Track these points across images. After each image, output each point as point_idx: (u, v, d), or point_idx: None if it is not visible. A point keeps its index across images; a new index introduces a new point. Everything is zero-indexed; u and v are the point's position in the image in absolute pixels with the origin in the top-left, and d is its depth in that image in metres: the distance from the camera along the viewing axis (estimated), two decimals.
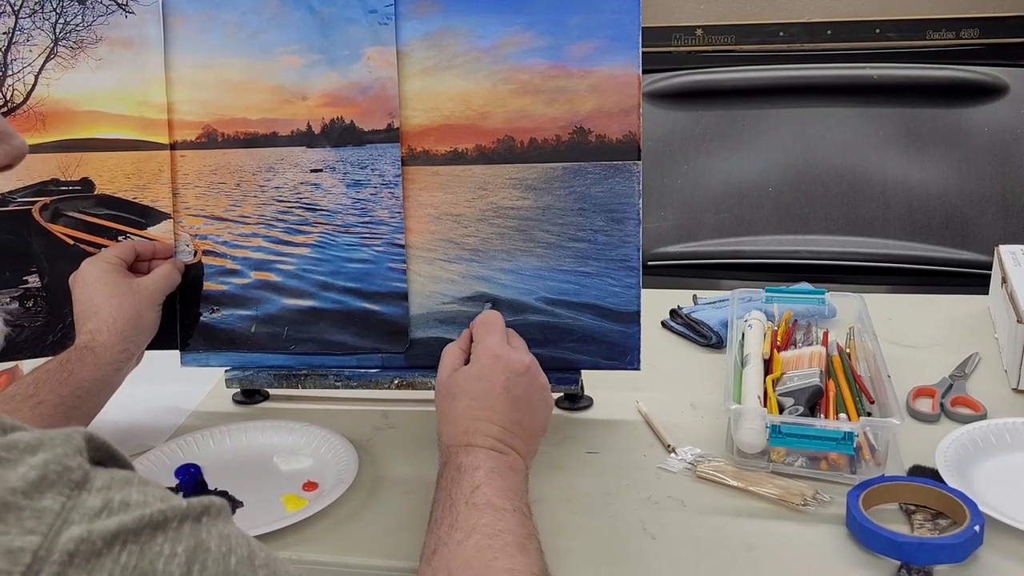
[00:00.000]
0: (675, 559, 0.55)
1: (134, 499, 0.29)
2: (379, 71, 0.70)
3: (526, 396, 0.57)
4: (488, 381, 0.56)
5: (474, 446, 0.53)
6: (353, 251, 0.72)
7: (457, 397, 0.56)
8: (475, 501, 0.49)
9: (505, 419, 0.55)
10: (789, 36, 1.47)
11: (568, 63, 0.68)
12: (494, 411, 0.55)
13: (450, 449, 0.54)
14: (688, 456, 0.66)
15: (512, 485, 0.51)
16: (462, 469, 0.52)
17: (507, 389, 0.56)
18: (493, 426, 0.55)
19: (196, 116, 0.73)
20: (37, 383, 0.60)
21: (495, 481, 0.51)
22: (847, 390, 0.67)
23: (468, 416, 0.55)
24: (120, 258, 0.68)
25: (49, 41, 0.72)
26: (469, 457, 0.53)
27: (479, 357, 0.58)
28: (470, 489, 0.50)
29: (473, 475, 0.51)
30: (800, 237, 1.31)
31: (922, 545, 0.53)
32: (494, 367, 0.57)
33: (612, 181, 0.69)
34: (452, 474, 0.52)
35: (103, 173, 0.74)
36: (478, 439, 0.54)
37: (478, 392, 0.56)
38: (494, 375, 0.56)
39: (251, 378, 0.76)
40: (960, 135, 1.31)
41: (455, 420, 0.55)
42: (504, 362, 0.57)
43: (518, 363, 0.57)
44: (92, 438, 0.30)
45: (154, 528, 0.28)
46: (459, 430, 0.55)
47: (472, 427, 0.54)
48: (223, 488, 0.65)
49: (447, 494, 0.51)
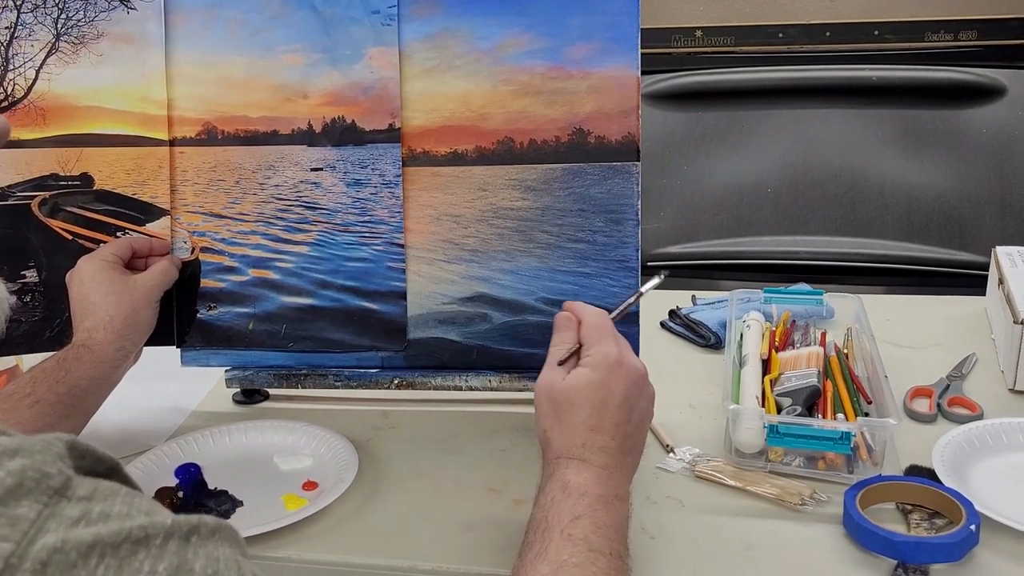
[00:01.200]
0: (673, 558, 0.56)
1: (116, 511, 0.28)
2: (381, 71, 0.70)
3: (639, 407, 0.53)
4: (609, 389, 0.52)
5: (587, 462, 0.50)
6: (352, 250, 0.72)
7: (577, 404, 0.51)
8: (571, 533, 0.46)
9: (620, 432, 0.51)
10: (788, 38, 1.48)
11: (568, 64, 0.69)
12: (611, 422, 0.51)
13: (559, 461, 0.50)
14: (686, 456, 0.66)
15: (615, 521, 0.48)
16: (568, 490, 0.48)
17: (626, 400, 0.52)
18: (610, 439, 0.51)
19: (196, 113, 0.73)
20: (34, 382, 0.60)
21: (599, 514, 0.47)
22: (845, 390, 0.68)
23: (586, 427, 0.51)
24: (116, 255, 0.68)
25: (51, 36, 0.72)
26: (579, 477, 0.49)
27: (598, 362, 0.53)
28: (570, 518, 0.47)
29: (578, 502, 0.47)
30: (799, 238, 1.32)
31: (919, 544, 0.53)
32: (615, 373, 0.52)
33: (611, 182, 0.69)
34: (555, 494, 0.48)
35: (103, 168, 0.74)
36: (593, 455, 0.50)
37: (598, 401, 0.51)
38: (615, 383, 0.52)
39: (251, 378, 0.76)
40: (958, 136, 1.31)
41: (572, 430, 0.51)
42: (625, 369, 0.53)
43: (636, 369, 0.53)
44: (75, 445, 0.29)
45: (135, 543, 0.27)
46: (575, 442, 0.50)
47: (590, 440, 0.50)
48: (223, 488, 0.65)
49: (544, 515, 0.48)
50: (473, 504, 0.62)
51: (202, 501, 0.63)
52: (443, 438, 0.71)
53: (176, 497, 0.64)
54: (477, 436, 0.71)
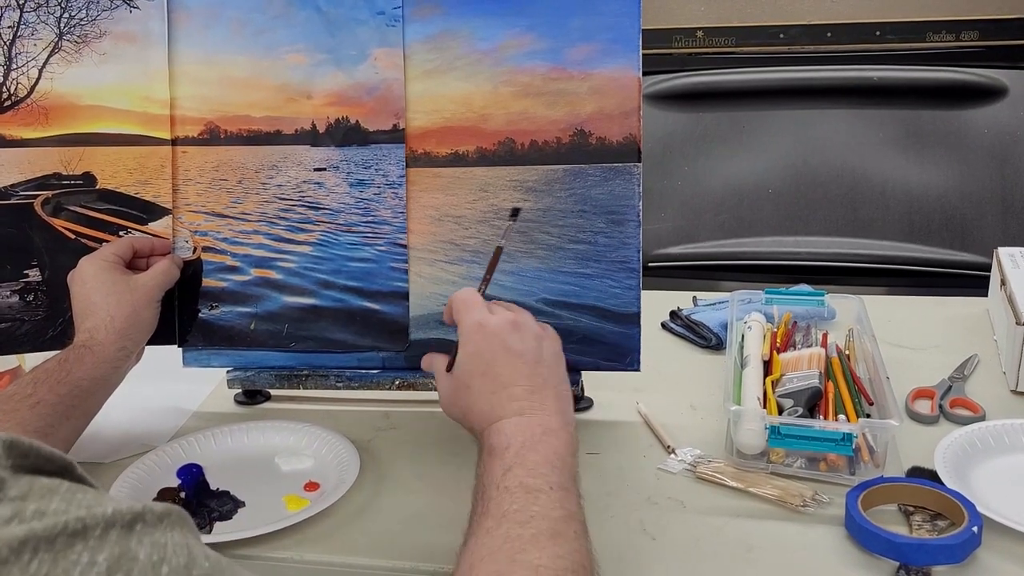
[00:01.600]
0: (675, 560, 0.56)
1: (52, 508, 0.27)
2: (386, 72, 0.70)
3: (526, 348, 0.54)
4: (488, 352, 0.54)
5: (502, 418, 0.51)
6: (355, 250, 0.72)
7: (469, 385, 0.54)
8: (506, 484, 0.46)
9: (520, 375, 0.52)
10: (789, 38, 1.47)
11: (569, 65, 0.68)
12: (507, 374, 0.52)
13: (481, 435, 0.52)
14: (688, 457, 0.66)
15: (548, 457, 0.48)
16: (494, 452, 0.49)
17: (507, 349, 0.53)
18: (515, 388, 0.52)
19: (199, 112, 0.73)
20: (35, 382, 0.60)
21: (528, 456, 0.48)
22: (846, 391, 0.67)
23: (487, 392, 0.52)
24: (117, 255, 0.68)
25: (53, 35, 0.73)
26: (499, 436, 0.50)
27: (466, 336, 0.55)
28: (501, 472, 0.47)
29: (503, 456, 0.48)
30: (800, 239, 1.32)
31: (921, 546, 0.53)
32: (481, 338, 0.54)
33: (612, 183, 0.69)
34: (484, 460, 0.50)
35: (105, 168, 0.74)
36: (504, 409, 0.51)
37: (481, 371, 0.53)
38: (486, 345, 0.54)
39: (252, 379, 0.76)
40: (960, 137, 1.31)
41: (477, 405, 0.53)
42: (490, 328, 0.54)
43: (503, 322, 0.55)
44: (15, 444, 0.29)
45: (71, 535, 0.26)
46: (484, 411, 0.52)
47: (495, 400, 0.52)
48: (225, 488, 0.65)
49: (480, 482, 0.48)
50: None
51: (204, 502, 0.63)
52: (444, 439, 0.71)
53: (178, 498, 0.64)
54: None
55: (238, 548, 0.58)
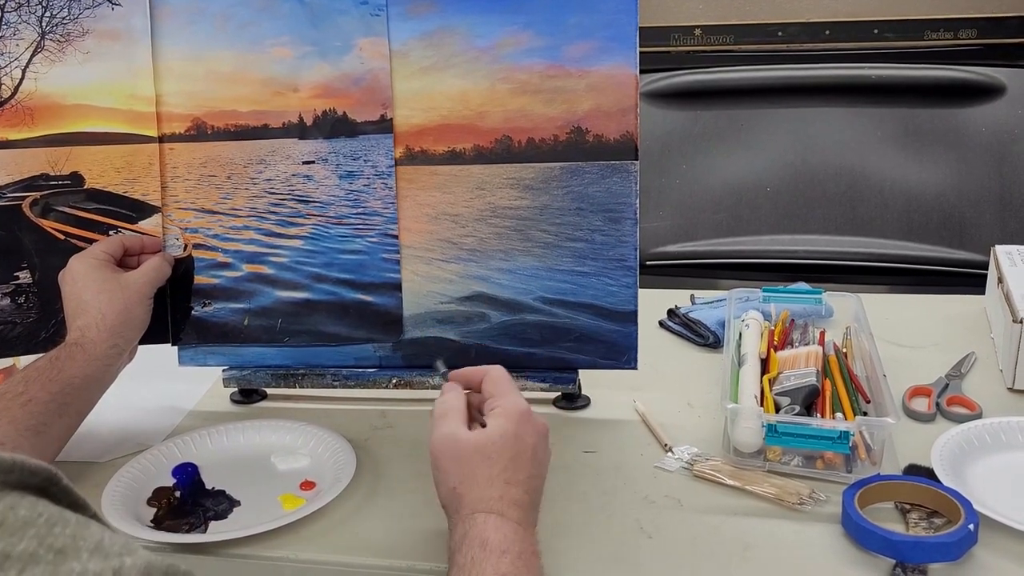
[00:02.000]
0: (672, 558, 0.56)
1: (19, 551, 0.24)
2: (371, 62, 0.70)
3: (545, 462, 0.54)
4: (523, 442, 0.52)
5: (505, 517, 0.49)
6: (346, 242, 0.72)
7: (493, 458, 0.51)
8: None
9: (530, 486, 0.51)
10: (788, 36, 1.47)
11: (566, 63, 0.68)
12: (523, 475, 0.51)
13: (475, 517, 0.49)
14: (685, 455, 0.66)
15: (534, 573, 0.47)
16: (488, 548, 0.47)
17: (534, 452, 0.52)
18: (523, 493, 0.50)
19: (185, 109, 0.73)
20: (27, 380, 0.60)
21: (522, 571, 0.46)
22: (843, 389, 0.67)
23: (503, 480, 0.50)
24: (108, 253, 0.68)
25: (35, 35, 0.72)
26: (498, 534, 0.48)
27: (509, 414, 0.52)
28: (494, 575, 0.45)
29: (499, 561, 0.46)
30: (798, 237, 1.32)
31: (917, 544, 0.53)
32: (527, 427, 0.52)
33: (609, 181, 0.69)
34: (475, 552, 0.47)
35: (93, 167, 0.74)
36: (509, 510, 0.49)
37: (513, 454, 0.51)
38: (528, 436, 0.52)
39: (249, 377, 0.76)
40: (958, 135, 1.31)
41: (487, 483, 0.50)
42: (534, 424, 0.53)
43: (543, 425, 0.54)
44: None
45: None
46: (492, 495, 0.50)
47: (506, 494, 0.50)
48: (220, 487, 0.65)
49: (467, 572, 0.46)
50: None
51: (200, 501, 0.63)
52: None
53: (173, 497, 0.63)
54: None
55: (233, 548, 0.58)
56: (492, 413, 0.53)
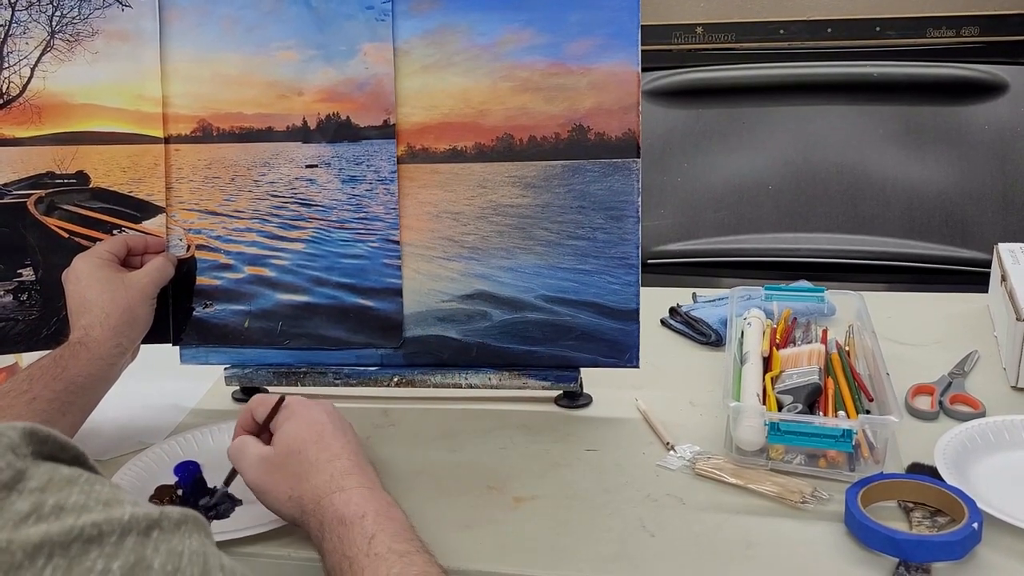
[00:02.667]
0: (674, 556, 0.55)
1: (71, 502, 0.27)
2: (376, 67, 0.70)
3: (347, 427, 0.56)
4: (316, 422, 0.54)
5: (345, 490, 0.50)
6: (348, 247, 0.72)
7: (300, 450, 0.52)
8: (376, 551, 0.45)
9: (349, 451, 0.53)
10: (789, 34, 1.47)
11: (568, 60, 0.68)
12: (338, 447, 0.53)
13: (320, 504, 0.50)
14: (687, 454, 0.66)
15: (404, 524, 0.49)
16: (347, 522, 0.48)
17: (333, 422, 0.55)
18: (348, 461, 0.52)
19: (191, 110, 0.73)
20: (31, 379, 0.60)
21: (387, 525, 0.47)
22: (846, 388, 0.67)
23: (323, 461, 0.51)
24: (111, 253, 0.68)
25: (45, 34, 0.72)
26: (348, 507, 0.49)
27: (293, 411, 0.55)
28: (365, 540, 0.46)
29: (362, 524, 0.47)
30: (800, 235, 1.31)
31: (921, 542, 0.53)
32: (308, 409, 0.55)
33: (611, 179, 0.69)
34: (337, 531, 0.48)
35: (98, 166, 0.74)
36: (345, 480, 0.50)
37: (315, 436, 0.53)
38: (315, 415, 0.55)
39: (250, 376, 0.76)
40: (960, 133, 1.31)
41: (312, 473, 0.51)
42: (312, 402, 0.56)
43: (320, 402, 0.56)
44: (35, 431, 0.28)
45: (87, 541, 0.26)
46: (321, 479, 0.51)
47: (334, 470, 0.51)
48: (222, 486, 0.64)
49: (341, 555, 0.46)
50: (473, 502, 0.62)
51: (201, 499, 0.63)
52: (443, 436, 0.71)
53: (175, 495, 0.63)
54: (477, 434, 0.71)
55: (235, 546, 0.58)
56: (275, 424, 0.56)
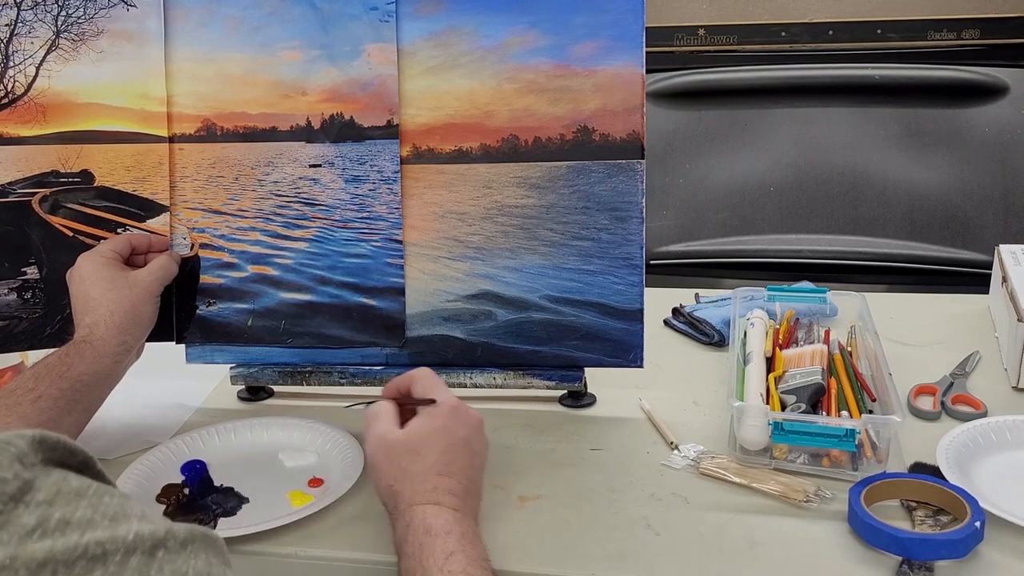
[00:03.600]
0: (679, 555, 0.56)
1: (77, 517, 0.26)
2: (379, 68, 0.70)
3: (480, 452, 0.56)
4: (454, 434, 0.54)
5: (441, 505, 0.51)
6: (351, 246, 0.72)
7: (422, 453, 0.53)
8: (450, 568, 0.46)
9: (465, 476, 0.53)
10: (791, 36, 1.48)
11: (572, 62, 0.69)
12: (457, 466, 0.53)
13: (414, 509, 0.51)
14: (691, 453, 0.66)
15: (482, 553, 0.49)
16: (432, 533, 0.49)
17: (467, 443, 0.54)
18: (457, 483, 0.52)
19: (195, 109, 0.73)
20: (37, 377, 0.60)
21: (468, 548, 0.48)
22: (849, 388, 0.68)
23: (435, 473, 0.52)
24: (115, 251, 0.68)
25: (51, 33, 0.73)
26: (439, 520, 0.50)
27: (439, 410, 0.55)
28: (443, 556, 0.47)
29: (446, 540, 0.48)
30: (802, 236, 1.32)
31: (924, 541, 0.53)
32: (456, 419, 0.55)
33: (616, 180, 0.69)
34: (421, 539, 0.49)
35: (103, 165, 0.74)
36: (445, 498, 0.51)
37: (444, 445, 0.53)
38: (458, 427, 0.54)
39: (256, 375, 0.76)
40: (961, 135, 1.31)
41: (419, 475, 0.52)
42: (464, 414, 0.55)
43: (475, 417, 0.56)
44: (44, 439, 0.28)
45: (91, 560, 0.25)
46: (425, 487, 0.52)
47: (440, 484, 0.52)
48: (229, 484, 0.65)
49: (417, 561, 0.48)
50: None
51: (208, 498, 0.63)
52: None
53: (182, 494, 0.64)
54: None
55: (242, 544, 0.58)
56: (420, 412, 0.56)
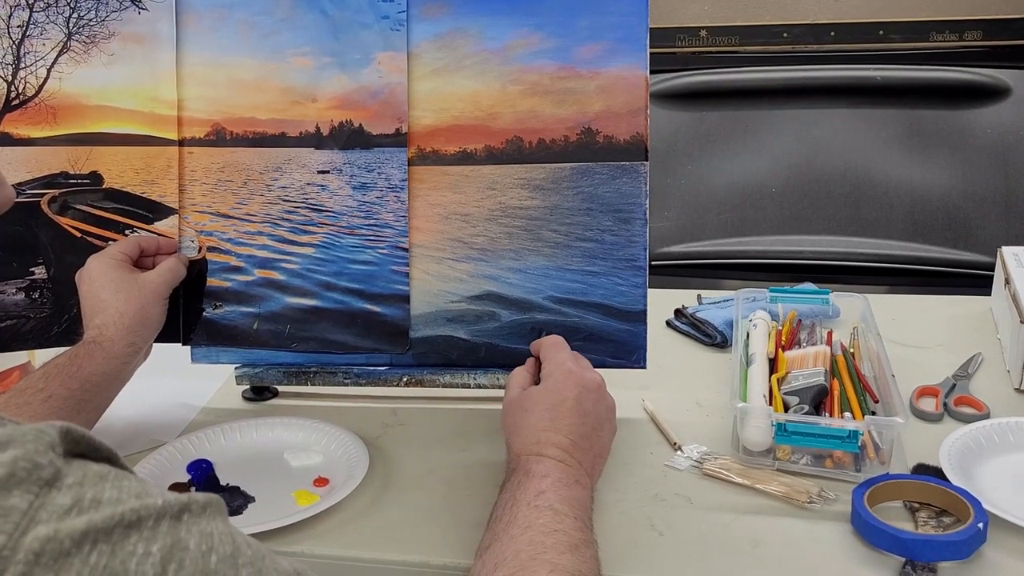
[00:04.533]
0: (682, 555, 0.56)
1: (107, 496, 0.28)
2: (390, 76, 0.71)
3: (595, 412, 0.58)
4: (560, 394, 0.57)
5: (544, 456, 0.54)
6: (357, 252, 0.73)
7: (529, 410, 0.57)
8: (538, 504, 0.50)
9: (574, 432, 0.56)
10: (793, 37, 1.48)
11: (576, 64, 0.69)
12: (565, 423, 0.56)
13: (519, 458, 0.55)
14: (694, 454, 0.66)
15: (577, 496, 0.52)
16: (531, 475, 0.53)
17: (578, 403, 0.57)
18: (564, 438, 0.55)
19: (205, 114, 0.74)
20: (47, 377, 0.61)
21: (560, 490, 0.51)
22: (851, 389, 0.68)
23: (539, 427, 0.56)
24: (125, 254, 0.69)
25: (62, 35, 0.73)
26: (539, 466, 0.53)
27: (551, 372, 0.59)
28: (535, 493, 0.51)
29: (540, 482, 0.52)
30: (804, 237, 1.32)
31: (927, 542, 0.53)
32: (567, 381, 0.58)
33: (619, 181, 0.70)
34: (519, 478, 0.53)
35: (112, 167, 0.75)
36: (548, 449, 0.55)
37: (550, 404, 0.57)
38: (566, 388, 0.58)
39: (261, 375, 0.77)
40: (963, 137, 1.31)
41: (527, 431, 0.56)
42: (576, 377, 0.59)
43: (590, 379, 0.59)
44: (69, 431, 0.29)
45: (127, 527, 0.27)
46: (530, 440, 0.55)
47: (543, 438, 0.55)
48: (235, 484, 0.65)
49: (511, 495, 0.52)
50: (483, 500, 0.62)
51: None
52: (452, 435, 0.71)
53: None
54: (486, 433, 0.71)
55: None
56: (542, 374, 0.60)
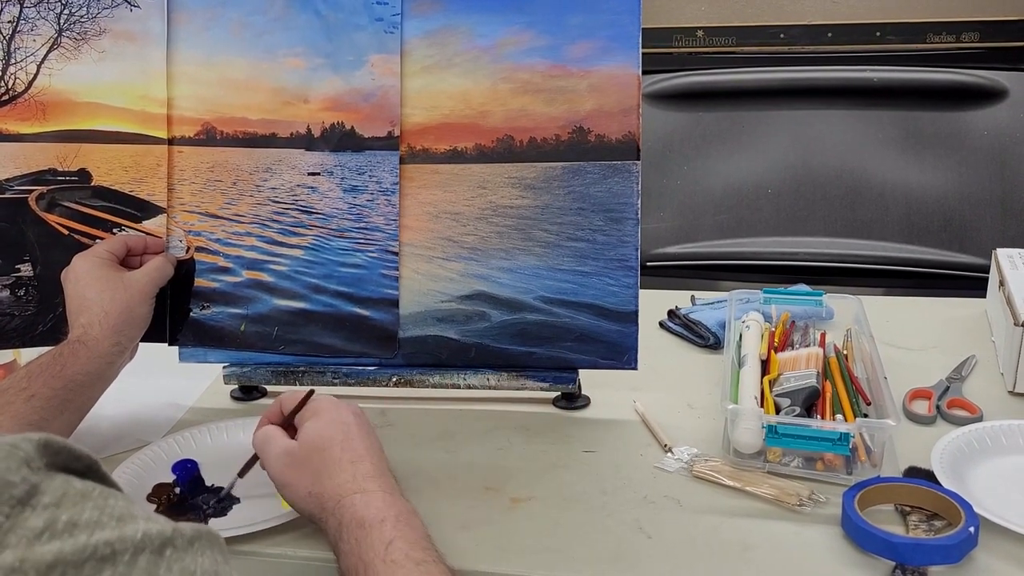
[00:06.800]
0: (671, 558, 0.56)
1: (85, 518, 0.26)
2: (382, 79, 0.70)
3: (371, 432, 0.56)
4: (342, 422, 0.54)
5: (367, 491, 0.50)
6: (346, 256, 0.72)
7: (326, 447, 0.53)
8: (393, 558, 0.46)
9: (371, 451, 0.53)
10: (790, 38, 1.48)
11: (568, 63, 0.68)
12: (361, 446, 0.53)
13: (341, 504, 0.50)
14: (684, 456, 0.66)
15: (421, 533, 0.49)
16: (366, 525, 0.48)
17: (359, 425, 0.55)
18: (371, 466, 0.52)
19: (196, 113, 0.73)
20: (30, 376, 0.60)
21: (406, 532, 0.48)
22: (844, 391, 0.67)
23: (346, 461, 0.52)
24: (111, 252, 0.68)
25: (53, 31, 0.73)
26: (368, 509, 0.49)
27: (321, 408, 0.55)
28: (383, 545, 0.46)
29: (381, 529, 0.47)
30: (798, 239, 1.32)
31: (917, 546, 0.53)
32: (336, 407, 0.55)
33: (611, 181, 0.69)
34: (356, 534, 0.48)
35: (101, 165, 0.74)
36: (367, 483, 0.51)
37: (342, 435, 0.53)
38: (342, 415, 0.55)
39: (249, 375, 0.76)
40: (959, 138, 1.31)
41: (334, 470, 0.51)
42: (340, 402, 0.56)
43: (348, 404, 0.56)
44: (48, 442, 0.28)
45: (100, 560, 0.26)
46: (343, 477, 0.51)
47: (357, 471, 0.51)
48: (220, 484, 0.65)
49: (358, 557, 0.47)
50: (470, 503, 0.62)
51: (199, 497, 0.63)
52: (441, 436, 0.71)
53: (173, 494, 0.63)
54: (475, 434, 0.71)
55: (233, 544, 0.58)
56: (301, 419, 0.56)
